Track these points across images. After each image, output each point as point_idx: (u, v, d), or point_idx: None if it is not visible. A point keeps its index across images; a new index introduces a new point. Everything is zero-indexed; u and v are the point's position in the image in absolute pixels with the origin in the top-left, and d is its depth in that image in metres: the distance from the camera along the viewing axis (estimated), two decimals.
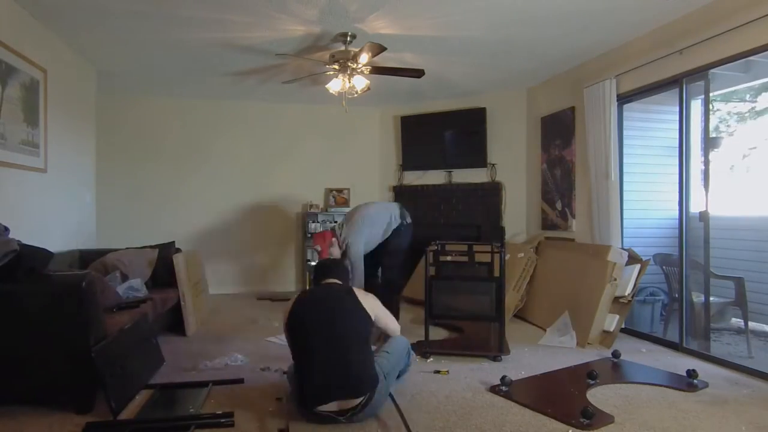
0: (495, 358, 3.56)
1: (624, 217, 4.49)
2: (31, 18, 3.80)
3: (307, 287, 6.56)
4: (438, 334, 4.28)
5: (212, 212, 6.52)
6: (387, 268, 4.45)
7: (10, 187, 3.55)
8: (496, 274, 3.75)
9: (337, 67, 4.23)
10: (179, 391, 2.95)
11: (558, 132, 5.35)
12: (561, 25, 3.98)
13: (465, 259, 3.87)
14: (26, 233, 3.13)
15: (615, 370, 3.37)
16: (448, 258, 3.98)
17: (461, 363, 3.50)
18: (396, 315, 3.83)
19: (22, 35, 3.66)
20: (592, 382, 3.02)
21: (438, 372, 3.26)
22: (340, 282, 2.84)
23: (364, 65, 4.20)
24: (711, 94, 3.74)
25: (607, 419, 2.51)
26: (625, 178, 4.52)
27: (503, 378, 2.96)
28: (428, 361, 3.55)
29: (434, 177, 6.51)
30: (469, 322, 4.19)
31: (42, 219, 3.99)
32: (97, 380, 2.50)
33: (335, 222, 6.73)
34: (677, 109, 3.86)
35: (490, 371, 3.30)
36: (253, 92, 6.07)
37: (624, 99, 4.39)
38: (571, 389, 2.95)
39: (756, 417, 2.61)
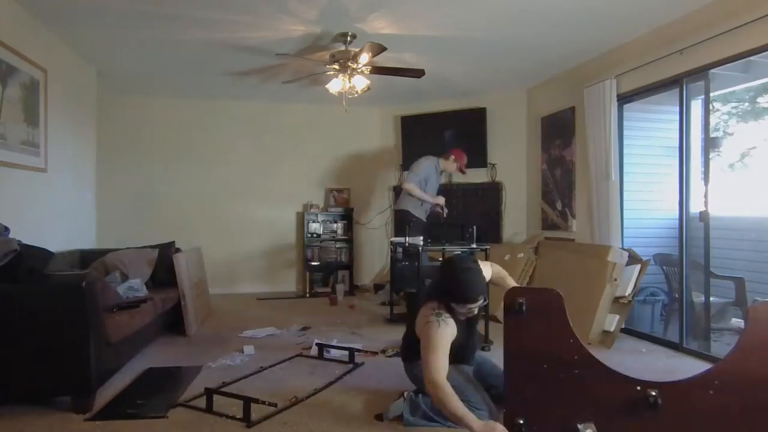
0: (482, 348, 3.67)
1: (624, 217, 4.48)
2: (31, 18, 3.80)
3: (307, 288, 6.57)
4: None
5: (212, 212, 6.53)
6: None
7: (10, 187, 3.55)
8: None
9: (337, 67, 4.23)
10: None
11: (558, 132, 5.35)
12: (561, 25, 3.98)
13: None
14: (26, 233, 3.13)
15: None
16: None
17: None
18: None
19: (22, 35, 3.66)
20: None
21: None
22: None
23: (365, 65, 4.20)
24: (711, 94, 3.74)
25: None
26: (625, 178, 4.52)
27: None
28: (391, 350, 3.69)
29: None
30: None
31: (42, 219, 3.99)
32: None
33: (335, 222, 6.76)
34: (677, 109, 3.86)
35: None
36: (253, 92, 6.07)
37: (624, 99, 4.39)
38: None
39: None
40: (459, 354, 2.49)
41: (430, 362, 2.27)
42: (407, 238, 4.50)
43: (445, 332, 2.35)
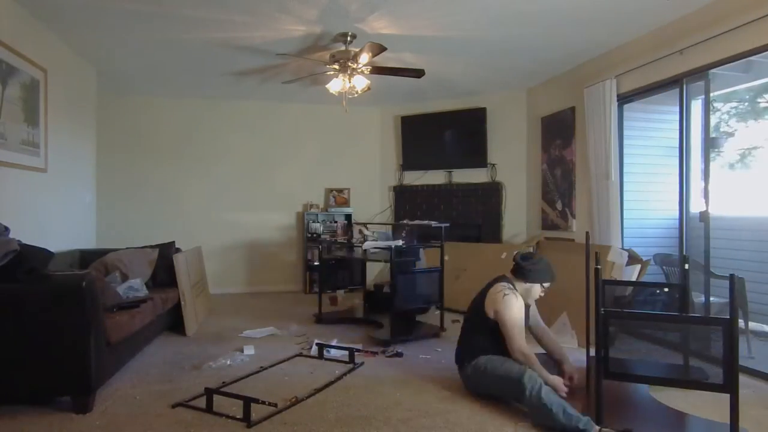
0: (436, 335, 4.18)
1: (624, 217, 4.48)
2: (31, 18, 3.80)
3: (306, 287, 6.57)
4: (355, 331, 4.41)
5: (212, 212, 6.53)
6: None
7: (10, 187, 3.55)
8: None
9: (337, 67, 4.23)
10: None
11: (558, 132, 5.35)
12: (561, 25, 3.98)
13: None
14: (26, 233, 3.13)
15: None
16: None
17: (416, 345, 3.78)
18: None
19: (22, 35, 3.66)
20: None
21: None
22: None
23: (365, 65, 4.20)
24: (711, 94, 3.73)
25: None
26: (625, 178, 4.52)
27: None
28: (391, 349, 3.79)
29: (434, 177, 6.52)
30: (378, 315, 4.61)
31: (42, 219, 3.99)
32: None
33: (335, 222, 6.76)
34: (677, 109, 3.86)
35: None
36: (253, 92, 6.07)
37: (624, 99, 4.39)
38: None
39: (757, 416, 2.61)
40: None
41: (515, 336, 2.78)
42: None
43: (520, 303, 2.87)
